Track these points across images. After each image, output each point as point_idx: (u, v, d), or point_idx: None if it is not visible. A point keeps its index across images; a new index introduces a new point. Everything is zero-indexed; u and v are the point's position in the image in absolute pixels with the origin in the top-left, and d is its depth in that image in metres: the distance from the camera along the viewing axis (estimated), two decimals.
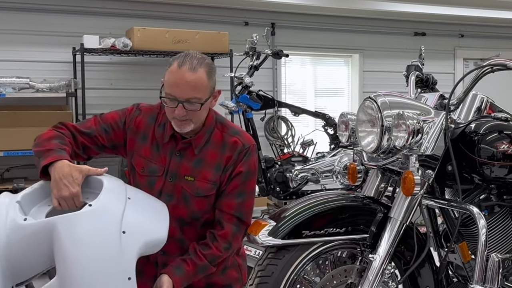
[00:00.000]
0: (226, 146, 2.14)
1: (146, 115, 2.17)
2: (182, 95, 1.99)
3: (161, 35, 4.94)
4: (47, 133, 2.06)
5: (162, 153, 2.13)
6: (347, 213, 2.18)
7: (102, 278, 1.69)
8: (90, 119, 2.18)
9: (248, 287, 2.05)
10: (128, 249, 1.74)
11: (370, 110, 2.21)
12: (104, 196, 1.82)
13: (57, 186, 1.85)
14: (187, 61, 2.01)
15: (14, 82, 4.55)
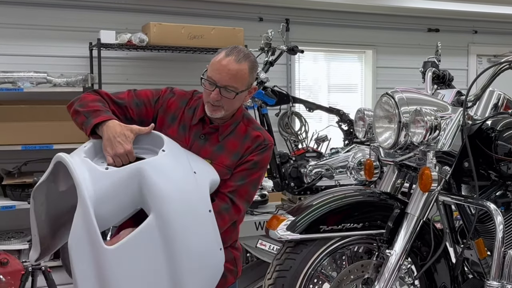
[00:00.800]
0: (248, 137, 2.25)
1: (179, 98, 2.29)
2: (221, 81, 2.12)
3: (177, 30, 4.96)
4: (88, 96, 2.16)
5: (188, 134, 2.24)
6: (364, 208, 2.20)
7: (190, 207, 1.94)
8: (124, 92, 2.28)
9: (267, 281, 2.08)
10: (202, 185, 2.01)
11: (387, 106, 2.23)
12: (168, 144, 2.02)
13: (111, 144, 1.99)
14: (234, 52, 2.15)
15: (31, 77, 4.59)
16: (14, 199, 4.54)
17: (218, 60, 2.14)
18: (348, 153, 4.23)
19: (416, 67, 6.76)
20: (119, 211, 1.91)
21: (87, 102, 2.12)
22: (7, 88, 4.50)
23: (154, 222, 1.85)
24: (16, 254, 4.50)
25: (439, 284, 2.27)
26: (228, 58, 2.13)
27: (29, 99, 4.76)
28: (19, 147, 4.53)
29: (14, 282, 4.15)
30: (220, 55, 2.15)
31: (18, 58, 4.89)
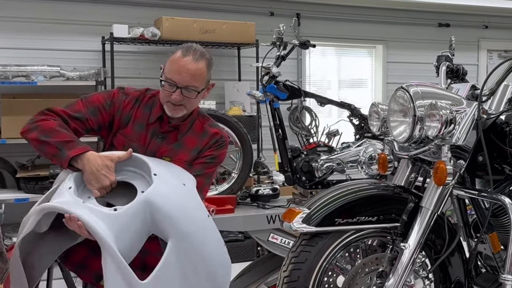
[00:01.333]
0: (206, 134, 2.29)
1: (133, 98, 2.28)
2: (182, 82, 2.15)
3: (189, 25, 4.98)
4: (47, 122, 2.09)
5: (144, 132, 2.23)
6: (379, 202, 2.21)
7: (196, 219, 2.05)
8: (77, 102, 2.24)
9: (282, 273, 2.09)
10: (195, 194, 2.11)
11: (402, 100, 2.24)
12: (155, 166, 2.03)
13: (96, 178, 1.98)
14: (191, 51, 2.18)
15: (45, 71, 4.63)
16: (27, 192, 4.59)
17: (176, 60, 2.16)
18: (359, 148, 4.23)
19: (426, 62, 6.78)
20: (136, 243, 1.97)
21: (51, 130, 2.06)
22: (21, 81, 4.54)
23: (176, 244, 1.95)
24: None
25: (453, 278, 2.28)
26: (185, 58, 2.15)
27: (43, 93, 4.79)
28: None
29: None
30: (177, 55, 2.17)
31: (32, 51, 4.93)
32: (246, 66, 5.62)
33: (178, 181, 2.08)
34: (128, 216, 1.91)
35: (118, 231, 1.88)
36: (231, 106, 5.50)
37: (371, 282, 2.17)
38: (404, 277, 2.11)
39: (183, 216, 2.00)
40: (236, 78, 5.73)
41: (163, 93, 2.20)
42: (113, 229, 1.87)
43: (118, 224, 1.89)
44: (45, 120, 2.10)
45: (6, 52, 4.85)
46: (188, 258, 1.98)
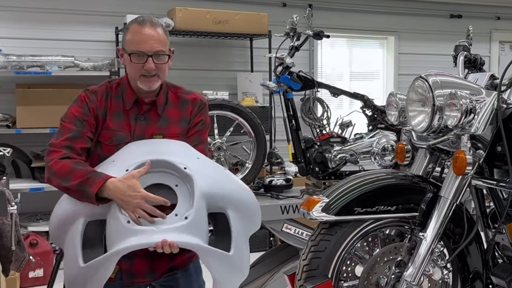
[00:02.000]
0: (186, 102, 2.25)
1: (101, 93, 2.20)
2: (151, 49, 2.10)
3: (202, 15, 4.98)
4: (60, 165, 2.02)
5: (126, 120, 2.17)
6: (398, 191, 2.22)
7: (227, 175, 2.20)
8: (63, 126, 2.15)
9: (302, 261, 2.11)
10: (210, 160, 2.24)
11: (421, 90, 2.23)
12: (182, 158, 2.05)
13: (125, 202, 1.91)
14: (146, 20, 2.14)
15: (59, 61, 4.66)
16: (42, 181, 4.62)
17: (136, 32, 2.11)
18: (372, 139, 4.24)
19: (438, 53, 6.75)
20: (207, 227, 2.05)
21: (66, 173, 1.98)
22: (35, 71, 4.58)
23: (234, 211, 2.05)
24: (44, 236, 4.59)
25: (471, 268, 2.28)
26: (145, 28, 2.11)
27: (57, 83, 4.82)
28: (47, 130, 4.60)
29: (44, 262, 4.24)
30: (134, 27, 2.13)
31: (46, 42, 4.96)
32: (259, 57, 5.62)
33: (193, 157, 2.10)
34: (198, 216, 1.96)
35: (199, 231, 1.95)
36: (244, 97, 5.50)
37: (389, 271, 2.17)
38: (423, 267, 2.12)
39: (224, 184, 2.08)
40: (249, 69, 5.73)
41: (133, 69, 2.12)
42: (196, 232, 1.94)
43: (195, 226, 1.95)
44: (56, 163, 2.04)
45: (21, 43, 4.88)
46: (244, 216, 2.09)
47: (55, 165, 2.02)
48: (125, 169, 1.98)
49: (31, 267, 4.17)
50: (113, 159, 2.08)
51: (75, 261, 1.94)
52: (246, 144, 3.85)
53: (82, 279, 1.94)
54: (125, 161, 2.03)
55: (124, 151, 2.11)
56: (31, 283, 4.25)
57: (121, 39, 2.18)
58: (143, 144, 2.12)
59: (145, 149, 2.07)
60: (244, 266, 2.09)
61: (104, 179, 1.94)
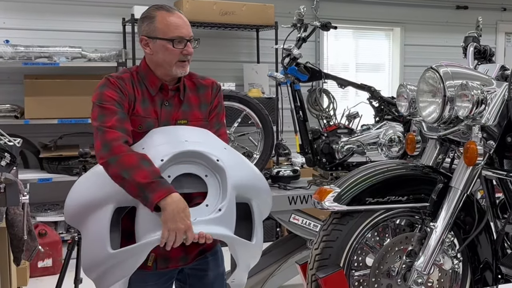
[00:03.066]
0: (203, 87, 2.27)
1: (126, 80, 2.17)
2: (188, 34, 2.14)
3: (209, 6, 4.98)
4: (127, 156, 1.97)
5: (152, 106, 2.17)
6: (408, 182, 2.23)
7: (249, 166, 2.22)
8: (106, 108, 2.07)
9: (314, 250, 2.13)
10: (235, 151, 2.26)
11: (431, 81, 2.24)
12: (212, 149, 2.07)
13: (173, 219, 1.90)
14: (173, 9, 2.16)
15: (67, 52, 4.67)
16: (50, 171, 4.66)
17: (169, 19, 2.11)
18: (379, 130, 4.24)
19: (444, 44, 6.73)
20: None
21: (132, 167, 1.94)
22: (43, 62, 4.59)
23: (256, 201, 2.11)
24: (52, 226, 4.63)
25: (481, 258, 2.29)
26: (175, 14, 2.13)
27: (65, 74, 4.84)
28: (55, 120, 4.63)
29: (53, 252, 4.27)
30: (163, 14, 2.12)
31: (54, 33, 4.97)
32: (265, 48, 5.62)
33: (222, 148, 2.12)
34: (230, 207, 2.00)
35: (230, 222, 2.00)
36: (250, 88, 5.51)
37: (400, 261, 2.19)
38: (434, 256, 2.14)
39: (249, 175, 2.13)
40: (255, 60, 5.73)
41: (171, 54, 2.12)
42: (228, 223, 1.99)
43: (227, 218, 1.99)
44: (120, 147, 1.99)
45: (29, 33, 4.88)
46: (262, 204, 2.17)
47: (120, 149, 1.97)
48: (160, 159, 1.97)
49: (40, 257, 4.20)
50: (142, 146, 2.04)
51: (102, 247, 1.93)
52: (254, 135, 3.86)
53: (110, 265, 1.95)
54: (158, 150, 2.01)
55: (154, 138, 2.08)
56: (40, 272, 4.28)
57: (142, 29, 2.15)
58: (171, 131, 2.11)
59: (174, 138, 2.07)
60: (260, 252, 2.16)
61: (169, 191, 1.92)
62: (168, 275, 2.16)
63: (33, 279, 4.22)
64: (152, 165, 1.95)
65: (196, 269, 2.20)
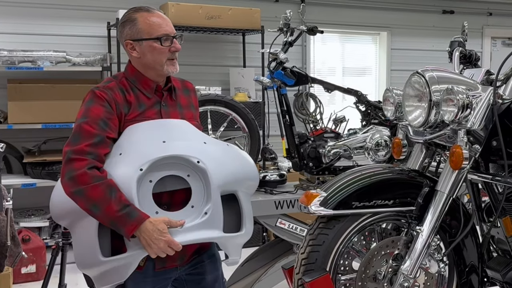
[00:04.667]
0: (187, 89, 2.30)
1: (115, 88, 2.10)
2: (172, 31, 2.14)
3: (195, 10, 4.97)
4: (93, 189, 1.91)
5: (149, 108, 2.13)
6: (394, 186, 2.23)
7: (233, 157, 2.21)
8: (84, 128, 1.99)
9: (300, 255, 2.11)
10: (216, 141, 2.28)
11: (417, 85, 2.24)
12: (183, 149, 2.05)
13: (149, 244, 1.92)
14: (149, 8, 2.14)
15: (51, 56, 4.63)
16: (34, 177, 4.60)
17: (151, 19, 2.09)
18: (366, 134, 4.25)
19: (431, 49, 6.77)
20: None
21: (98, 200, 1.90)
22: (27, 67, 4.55)
23: (242, 191, 2.16)
24: (36, 231, 4.57)
25: (467, 261, 2.30)
26: (155, 13, 2.12)
27: (49, 78, 4.80)
28: (39, 125, 4.59)
29: (36, 258, 4.22)
30: (145, 15, 2.09)
31: (38, 37, 4.93)
32: (251, 53, 5.61)
33: (201, 143, 2.12)
34: (216, 208, 2.02)
35: (217, 222, 2.03)
36: (236, 92, 5.50)
37: (386, 265, 2.18)
38: (420, 260, 2.13)
39: (233, 167, 2.13)
40: (241, 65, 5.72)
41: (160, 54, 2.09)
42: (216, 224, 2.03)
43: (214, 219, 2.02)
44: (84, 176, 1.91)
45: (12, 38, 4.85)
46: (249, 190, 2.24)
47: (84, 180, 1.90)
48: (139, 169, 1.94)
49: (24, 263, 4.15)
50: (119, 151, 2.00)
51: (93, 254, 1.95)
52: (240, 140, 3.84)
53: (103, 270, 1.98)
54: (135, 157, 1.97)
55: (132, 141, 2.03)
56: (23, 279, 4.23)
57: (125, 33, 2.10)
58: (148, 129, 2.06)
59: (152, 138, 2.03)
60: (251, 231, 2.18)
61: (139, 222, 1.91)
62: (165, 279, 2.13)
63: (17, 285, 4.17)
64: (118, 192, 1.91)
65: (193, 273, 2.19)
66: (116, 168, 1.96)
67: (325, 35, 6.31)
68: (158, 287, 2.11)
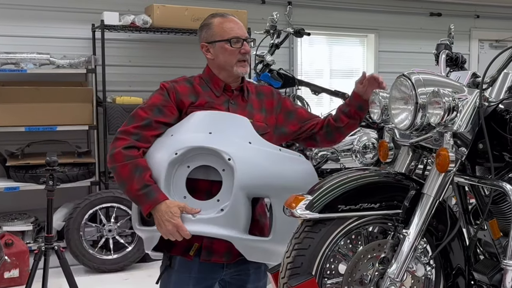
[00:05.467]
0: (262, 93, 2.42)
1: (181, 81, 2.34)
2: (243, 34, 2.31)
3: (180, 12, 4.94)
4: (122, 167, 2.12)
5: (217, 104, 2.29)
6: (381, 189, 2.20)
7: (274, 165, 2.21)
8: (139, 112, 2.23)
9: (285, 259, 2.08)
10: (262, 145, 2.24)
11: (403, 88, 2.23)
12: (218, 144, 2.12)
13: (160, 225, 2.07)
14: (224, 14, 2.34)
15: (35, 58, 4.58)
16: (17, 180, 4.55)
17: (223, 22, 2.29)
18: (353, 137, 4.25)
19: (418, 51, 6.80)
20: (248, 214, 2.16)
21: (124, 179, 2.12)
22: (10, 69, 4.49)
23: (276, 198, 2.18)
24: (20, 235, 4.51)
25: (454, 264, 2.28)
26: (229, 18, 2.31)
27: (32, 80, 4.74)
28: (22, 128, 4.54)
29: (19, 262, 4.16)
30: (219, 20, 2.30)
31: (21, 39, 4.88)
32: None
33: (245, 143, 2.16)
34: (235, 208, 2.06)
35: (235, 222, 2.08)
36: None
37: (373, 268, 2.16)
38: (406, 263, 2.11)
39: (269, 173, 2.14)
40: None
41: (229, 56, 2.27)
42: (232, 223, 2.07)
43: (231, 218, 2.07)
44: (119, 155, 2.13)
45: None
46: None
47: (118, 158, 2.13)
48: (174, 153, 2.09)
49: (7, 267, 4.09)
50: (172, 133, 2.19)
51: (134, 221, 2.26)
52: None
53: (140, 235, 2.30)
54: (178, 140, 2.13)
55: (185, 125, 2.19)
56: (6, 283, 4.16)
57: (202, 37, 2.33)
58: (205, 119, 2.19)
59: (202, 127, 2.15)
60: (282, 240, 2.15)
61: (155, 202, 2.07)
62: (211, 273, 2.26)
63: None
64: (144, 172, 2.10)
65: (237, 278, 2.31)
66: (160, 148, 2.15)
67: (312, 37, 6.33)
68: (202, 287, 2.26)
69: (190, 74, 5.60)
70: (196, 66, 5.58)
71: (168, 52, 5.35)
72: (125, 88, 5.18)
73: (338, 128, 2.54)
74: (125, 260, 4.56)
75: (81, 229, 4.44)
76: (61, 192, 4.52)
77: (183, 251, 2.23)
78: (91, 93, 4.74)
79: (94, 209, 4.49)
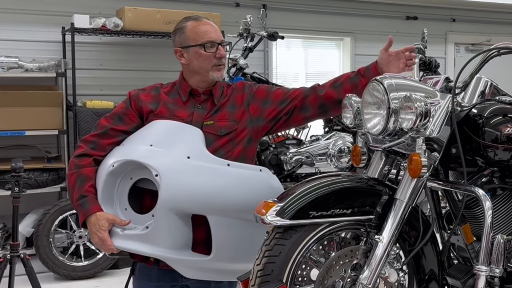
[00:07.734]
0: (235, 90, 2.36)
1: (150, 89, 2.32)
2: (218, 38, 2.26)
3: (152, 15, 4.88)
4: (70, 177, 2.18)
5: (181, 109, 2.26)
6: (353, 194, 2.18)
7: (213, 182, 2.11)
8: (99, 122, 2.27)
9: (256, 266, 2.04)
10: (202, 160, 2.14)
11: (376, 93, 2.21)
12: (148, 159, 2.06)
13: (91, 235, 2.12)
14: (199, 17, 2.28)
15: (2, 62, 4.49)
16: None
17: (198, 26, 2.24)
18: (328, 141, 4.24)
19: None
20: (184, 231, 2.11)
21: (70, 188, 2.18)
22: None
23: (212, 217, 2.09)
24: None
25: (427, 269, 2.27)
26: (203, 21, 2.26)
27: (0, 84, 4.64)
28: None
29: None
30: (193, 24, 2.25)
31: None
32: None
33: (183, 158, 2.08)
34: (160, 226, 2.02)
35: (162, 239, 2.03)
36: None
37: (345, 275, 2.14)
38: (379, 269, 2.09)
39: (204, 191, 2.06)
40: None
41: (204, 62, 2.23)
42: (159, 241, 2.03)
43: (156, 236, 2.03)
44: (72, 164, 2.19)
45: None
46: (230, 219, 2.13)
47: (70, 167, 2.21)
48: (111, 164, 2.10)
49: None
50: (124, 142, 2.19)
51: None
52: None
53: None
54: (120, 152, 2.14)
55: (136, 136, 2.18)
56: None
57: (175, 41, 2.28)
58: (150, 129, 2.18)
59: (144, 140, 2.13)
60: (222, 257, 2.13)
61: (86, 214, 2.11)
62: (170, 280, 2.23)
63: None
64: (84, 182, 2.14)
65: (197, 287, 2.27)
66: (108, 157, 2.16)
67: (288, 40, 6.31)
68: None
69: (162, 77, 5.55)
70: (169, 69, 5.55)
71: (140, 56, 5.28)
72: (96, 92, 5.10)
73: (336, 101, 2.46)
74: (96, 267, 4.49)
75: (51, 236, 4.35)
76: (30, 198, 4.43)
77: (144, 258, 2.22)
78: (61, 97, 4.65)
79: (64, 215, 4.41)
